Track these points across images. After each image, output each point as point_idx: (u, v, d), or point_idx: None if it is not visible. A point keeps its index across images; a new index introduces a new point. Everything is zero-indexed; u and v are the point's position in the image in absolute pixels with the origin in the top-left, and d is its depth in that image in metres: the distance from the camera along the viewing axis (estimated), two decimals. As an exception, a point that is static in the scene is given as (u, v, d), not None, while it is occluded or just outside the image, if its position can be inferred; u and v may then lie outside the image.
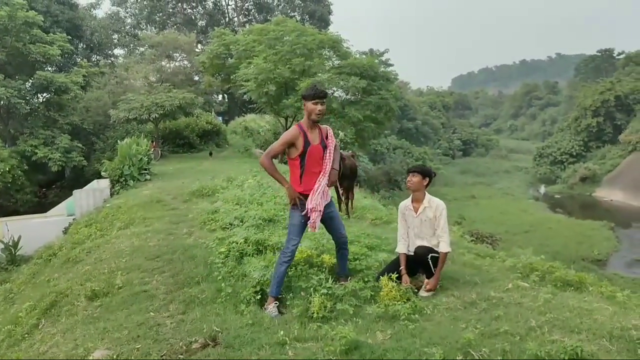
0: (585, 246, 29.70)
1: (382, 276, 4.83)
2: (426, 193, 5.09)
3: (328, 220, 4.87)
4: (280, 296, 4.72)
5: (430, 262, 4.89)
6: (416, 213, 5.05)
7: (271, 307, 4.53)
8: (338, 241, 5.00)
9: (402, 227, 5.18)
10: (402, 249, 5.10)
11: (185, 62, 36.95)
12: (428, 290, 4.84)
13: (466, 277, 5.38)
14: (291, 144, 4.57)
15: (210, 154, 23.57)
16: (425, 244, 4.99)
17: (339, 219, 5.03)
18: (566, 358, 3.15)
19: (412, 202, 5.13)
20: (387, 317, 4.26)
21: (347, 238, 5.06)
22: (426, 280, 4.95)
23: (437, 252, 4.93)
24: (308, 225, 4.70)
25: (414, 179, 5.03)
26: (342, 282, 4.90)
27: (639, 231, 34.66)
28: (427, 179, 5.06)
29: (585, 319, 4.15)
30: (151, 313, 4.68)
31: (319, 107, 4.55)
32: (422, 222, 5.03)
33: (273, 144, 4.63)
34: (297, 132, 4.57)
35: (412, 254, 5.05)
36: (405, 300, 4.47)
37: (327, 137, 4.76)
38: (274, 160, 4.76)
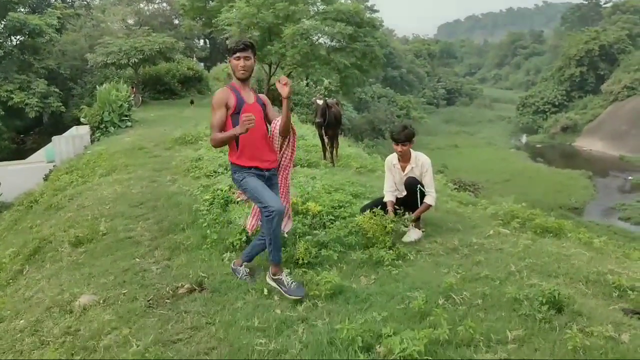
0: (564, 194, 30.39)
1: (366, 210, 4.90)
2: (411, 151, 5.03)
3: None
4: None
5: (418, 194, 4.90)
6: (404, 172, 5.05)
7: (284, 277, 3.81)
8: None
9: (390, 179, 5.15)
10: (390, 197, 5.09)
11: (165, 5, 35.74)
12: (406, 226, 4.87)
13: (449, 224, 5.47)
14: (224, 106, 3.76)
15: (192, 102, 23.02)
16: None
17: (278, 190, 4.12)
18: (544, 301, 3.25)
19: (399, 161, 5.08)
20: (371, 262, 4.33)
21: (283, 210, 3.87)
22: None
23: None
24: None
25: (404, 148, 4.91)
26: (237, 267, 4.16)
27: (616, 180, 35.49)
28: (414, 140, 4.99)
29: (563, 264, 4.28)
30: (136, 259, 4.70)
31: (242, 62, 3.75)
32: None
33: (211, 119, 3.81)
34: (226, 91, 3.83)
35: (400, 196, 5.08)
36: (390, 247, 4.53)
37: (264, 101, 4.01)
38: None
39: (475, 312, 3.33)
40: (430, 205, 4.99)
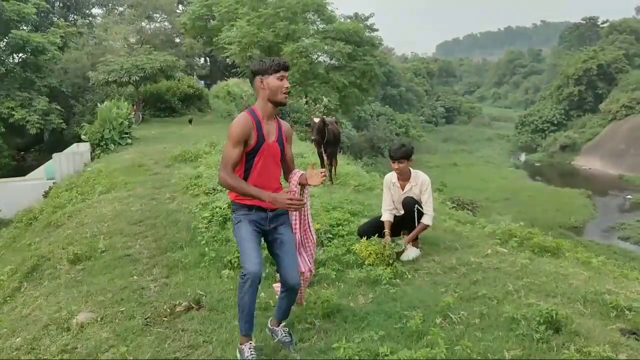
0: (563, 213, 30.35)
1: (364, 235, 4.90)
2: (411, 170, 5.02)
3: (276, 244, 3.24)
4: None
5: (416, 214, 4.90)
6: (403, 190, 5.06)
7: (246, 349, 3.10)
8: (284, 281, 3.23)
9: (387, 198, 5.14)
10: (388, 217, 5.10)
11: (166, 24, 36.11)
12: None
13: (447, 243, 5.47)
14: (244, 143, 3.05)
15: (190, 121, 22.72)
16: None
17: (292, 248, 3.27)
18: (541, 320, 3.25)
19: (398, 179, 5.07)
20: (368, 281, 4.33)
21: (299, 283, 3.27)
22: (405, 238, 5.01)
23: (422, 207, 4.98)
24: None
25: (401, 165, 4.86)
26: (274, 327, 3.43)
27: (615, 199, 35.48)
28: (412, 158, 4.98)
29: (561, 284, 4.27)
30: (135, 277, 4.70)
31: (286, 83, 3.11)
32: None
33: (224, 151, 3.09)
34: (249, 124, 3.05)
35: (398, 214, 5.09)
36: (387, 265, 4.54)
37: (286, 138, 3.26)
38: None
39: (473, 331, 3.33)
40: (427, 226, 5.00)
